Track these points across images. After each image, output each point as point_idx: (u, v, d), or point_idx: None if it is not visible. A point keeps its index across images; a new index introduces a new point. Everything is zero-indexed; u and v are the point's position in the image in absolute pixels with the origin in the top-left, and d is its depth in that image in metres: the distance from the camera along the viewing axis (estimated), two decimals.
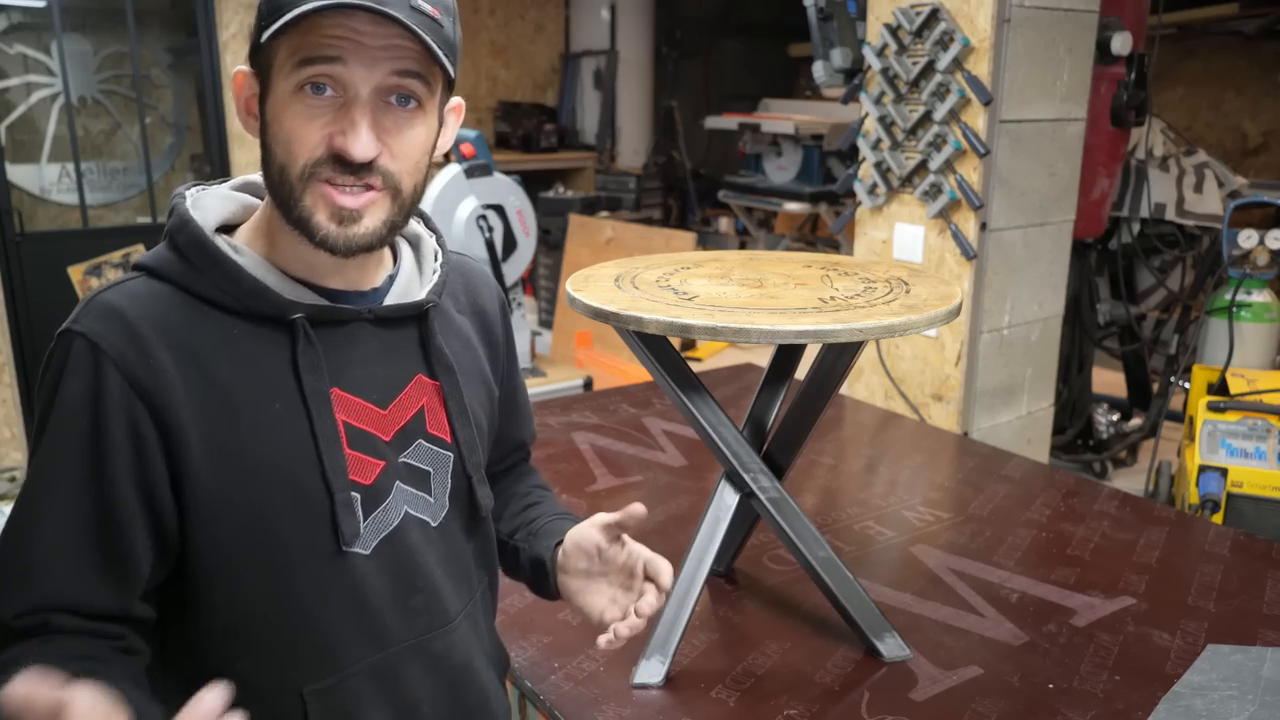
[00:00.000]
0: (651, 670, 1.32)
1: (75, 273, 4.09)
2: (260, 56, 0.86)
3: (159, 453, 0.84)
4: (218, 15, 4.20)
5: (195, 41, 4.27)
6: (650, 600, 1.00)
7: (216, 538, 0.86)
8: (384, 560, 0.92)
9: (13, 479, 3.48)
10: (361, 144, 0.83)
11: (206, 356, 0.85)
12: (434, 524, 0.97)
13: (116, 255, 4.15)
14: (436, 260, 1.02)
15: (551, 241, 5.10)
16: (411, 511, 0.95)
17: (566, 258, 4.97)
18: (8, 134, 4.16)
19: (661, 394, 2.35)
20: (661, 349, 1.36)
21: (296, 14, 0.80)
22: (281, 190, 0.86)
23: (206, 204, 0.93)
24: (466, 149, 3.88)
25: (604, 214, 5.42)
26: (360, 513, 0.90)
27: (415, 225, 1.03)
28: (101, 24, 4.31)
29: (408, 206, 0.90)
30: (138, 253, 4.16)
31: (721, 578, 1.60)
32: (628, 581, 1.03)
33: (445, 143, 0.94)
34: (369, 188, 0.85)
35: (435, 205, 3.79)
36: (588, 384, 4.01)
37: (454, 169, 3.85)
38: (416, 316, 0.97)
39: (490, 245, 3.89)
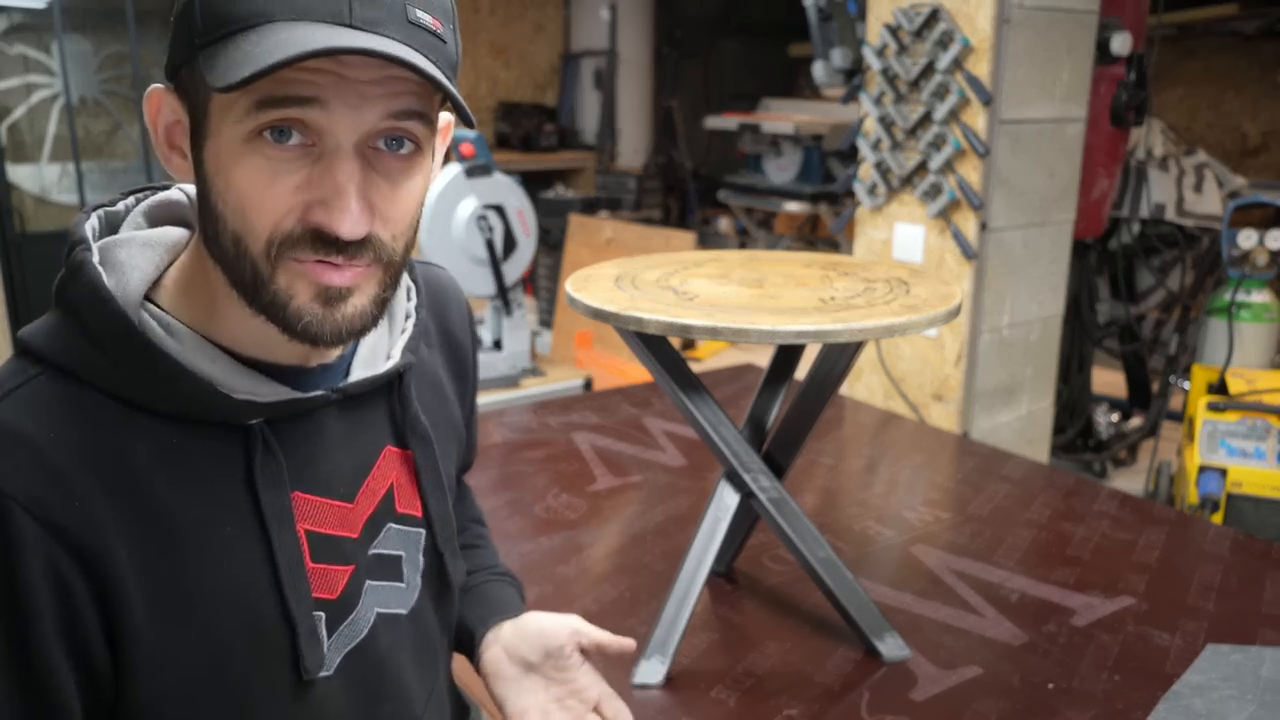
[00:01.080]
0: (651, 670, 1.32)
1: None
2: (189, 77, 0.65)
3: (91, 606, 0.66)
4: None
5: None
6: None
7: (163, 687, 0.70)
8: (349, 675, 0.80)
9: None
10: (351, 220, 0.64)
11: (139, 478, 0.67)
12: (405, 613, 0.85)
13: None
14: (410, 301, 0.85)
15: (551, 241, 5.10)
16: (382, 610, 0.82)
17: (566, 258, 4.97)
18: (8, 134, 4.16)
19: (661, 394, 2.35)
20: (661, 349, 1.36)
21: (265, 66, 0.58)
22: (238, 266, 0.67)
23: (123, 261, 0.70)
24: (466, 149, 3.89)
25: (604, 214, 5.42)
26: (325, 634, 0.77)
27: None
28: (101, 24, 4.32)
29: (398, 275, 0.73)
30: None
31: (721, 578, 1.60)
32: (567, 699, 0.90)
33: (435, 173, 0.77)
34: (358, 265, 0.68)
35: (435, 205, 3.79)
36: (588, 384, 4.01)
37: (454, 169, 3.86)
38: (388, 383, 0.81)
39: (490, 245, 3.89)
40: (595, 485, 1.97)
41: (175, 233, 0.75)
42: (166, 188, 0.80)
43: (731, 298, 1.31)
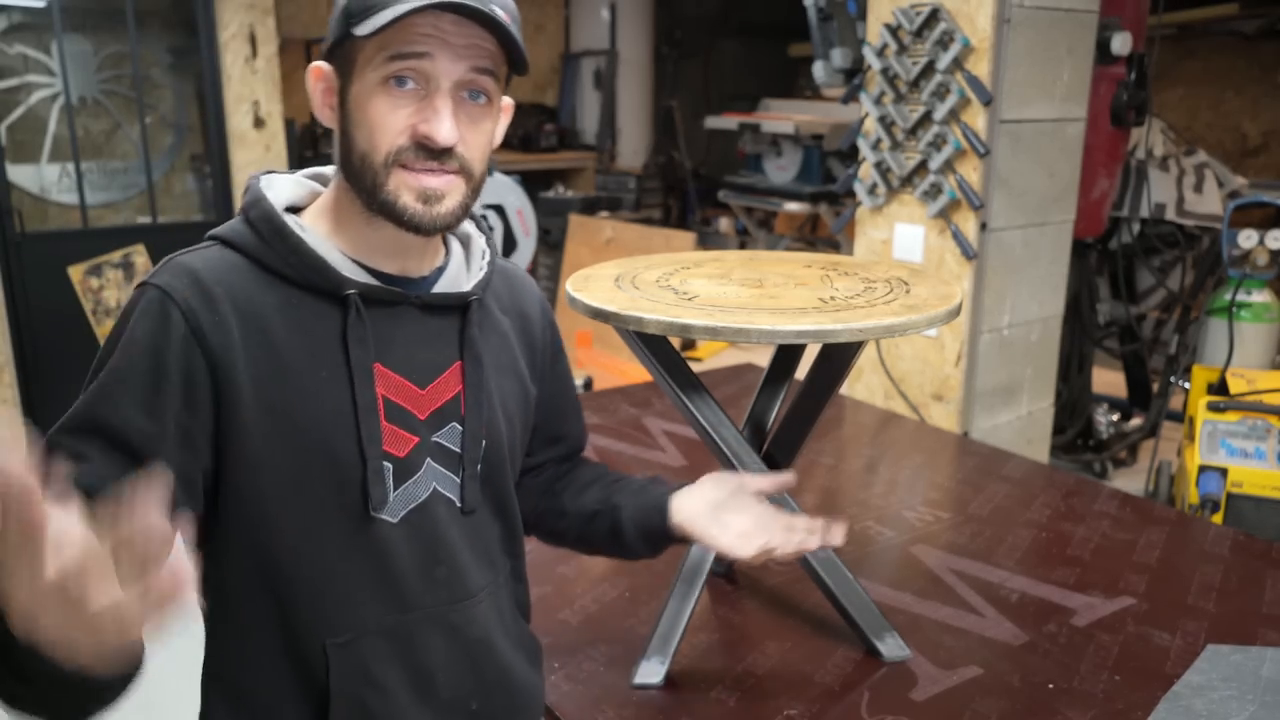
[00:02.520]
0: (651, 670, 1.32)
1: (75, 273, 4.09)
2: (341, 51, 0.93)
3: (209, 401, 0.89)
4: (218, 15, 4.20)
5: (195, 41, 4.27)
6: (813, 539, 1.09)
7: (257, 485, 0.91)
8: (410, 530, 0.97)
9: None
10: (445, 130, 0.89)
11: (266, 320, 0.91)
12: (459, 504, 1.01)
13: (116, 255, 4.15)
14: (484, 259, 1.09)
15: (551, 241, 5.10)
16: (440, 489, 0.99)
17: (566, 258, 4.97)
18: (8, 134, 4.16)
19: (661, 394, 2.35)
20: (661, 349, 1.36)
21: (397, 15, 0.86)
22: (364, 177, 0.92)
23: (278, 186, 1.00)
24: None
25: (604, 214, 5.42)
26: (391, 482, 0.95)
27: (467, 226, 1.10)
28: (101, 24, 4.31)
29: (477, 191, 0.97)
30: (138, 252, 4.16)
31: (721, 578, 1.60)
32: (756, 522, 1.11)
33: (498, 137, 1.01)
34: (449, 171, 0.92)
35: None
36: (588, 384, 4.01)
37: None
38: (460, 307, 1.02)
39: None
40: None
41: (317, 185, 1.03)
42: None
43: (731, 298, 1.31)
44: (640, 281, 1.40)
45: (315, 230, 0.97)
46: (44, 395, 4.02)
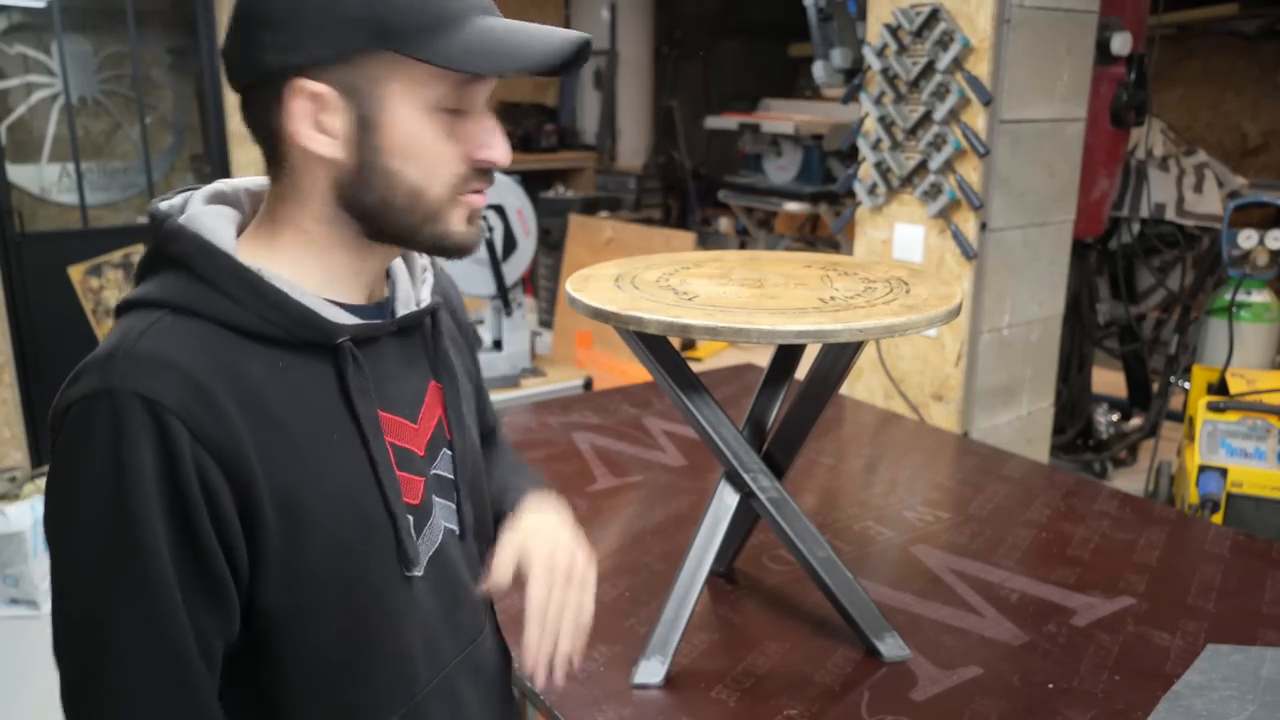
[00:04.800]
0: (651, 670, 1.32)
1: (75, 273, 4.09)
2: (358, 66, 0.78)
3: (231, 507, 0.76)
4: (218, 15, 4.20)
5: (195, 41, 4.27)
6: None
7: (293, 583, 0.80)
8: (434, 579, 0.90)
9: (12, 479, 3.48)
10: (506, 151, 0.85)
11: (262, 396, 0.78)
12: (458, 531, 0.96)
13: (117, 255, 4.15)
14: (423, 258, 1.00)
15: (551, 241, 5.09)
16: (446, 524, 0.94)
17: (566, 258, 4.97)
18: (8, 134, 4.16)
19: (661, 394, 2.35)
20: (661, 349, 1.36)
21: (525, 66, 0.78)
22: (412, 214, 0.82)
23: (210, 225, 0.82)
24: None
25: (604, 214, 5.41)
26: (415, 534, 0.88)
27: None
28: (101, 24, 4.31)
29: None
30: (138, 253, 4.16)
31: (721, 578, 1.60)
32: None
33: None
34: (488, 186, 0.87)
35: None
36: (588, 384, 4.01)
37: None
38: (421, 324, 0.94)
39: (490, 245, 3.89)
40: (595, 485, 1.97)
41: (233, 211, 0.87)
42: (196, 188, 0.91)
43: (731, 298, 1.30)
44: (640, 281, 1.40)
45: (274, 271, 0.82)
46: (44, 395, 4.01)
